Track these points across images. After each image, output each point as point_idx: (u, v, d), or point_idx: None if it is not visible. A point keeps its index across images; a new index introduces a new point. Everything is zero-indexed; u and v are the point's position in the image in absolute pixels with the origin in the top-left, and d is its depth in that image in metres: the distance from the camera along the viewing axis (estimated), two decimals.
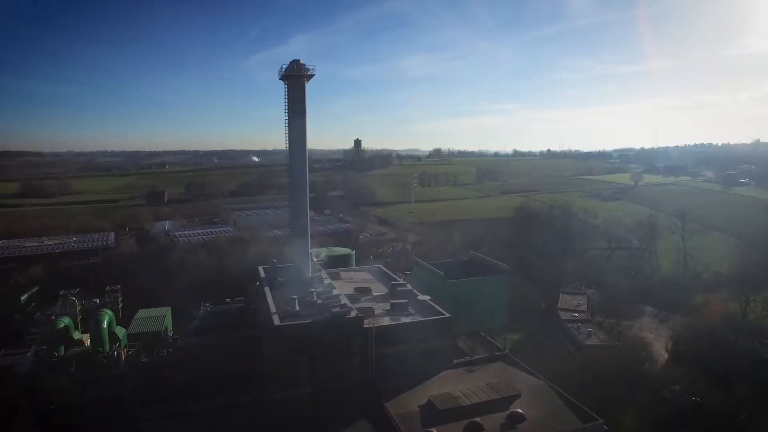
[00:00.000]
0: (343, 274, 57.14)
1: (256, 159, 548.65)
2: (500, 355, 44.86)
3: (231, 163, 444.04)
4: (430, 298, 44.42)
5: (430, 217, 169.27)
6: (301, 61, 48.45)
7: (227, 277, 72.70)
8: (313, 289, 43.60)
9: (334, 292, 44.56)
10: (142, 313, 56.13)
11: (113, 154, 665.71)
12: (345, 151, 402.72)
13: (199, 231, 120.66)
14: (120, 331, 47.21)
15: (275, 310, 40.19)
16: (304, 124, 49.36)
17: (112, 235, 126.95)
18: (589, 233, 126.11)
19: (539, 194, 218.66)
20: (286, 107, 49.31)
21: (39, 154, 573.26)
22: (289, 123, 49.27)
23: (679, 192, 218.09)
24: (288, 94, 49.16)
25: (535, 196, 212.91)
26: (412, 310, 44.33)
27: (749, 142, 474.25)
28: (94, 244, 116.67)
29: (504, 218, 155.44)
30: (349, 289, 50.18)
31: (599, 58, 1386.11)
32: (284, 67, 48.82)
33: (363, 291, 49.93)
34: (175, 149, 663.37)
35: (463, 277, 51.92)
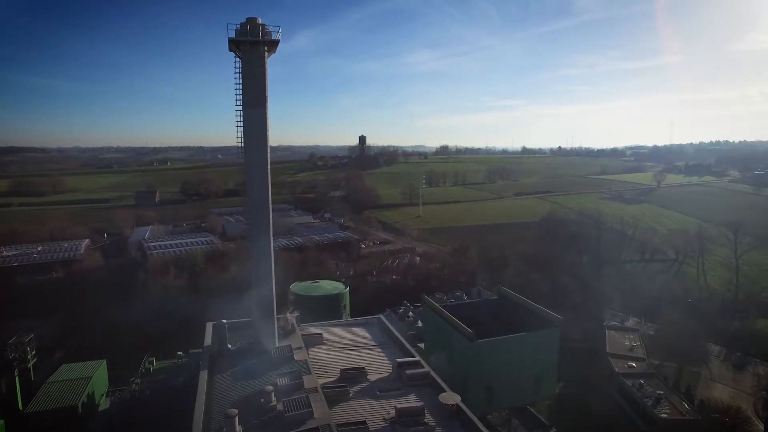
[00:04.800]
0: (326, 334, 39.61)
1: None
2: None
3: (234, 159, 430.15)
4: (460, 399, 28.67)
5: (440, 222, 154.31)
6: (260, 21, 32.12)
7: (194, 309, 58.06)
8: (271, 388, 26.98)
9: (306, 384, 29.25)
10: (61, 372, 41.81)
11: (118, 150, 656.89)
12: (350, 148, 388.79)
13: (178, 241, 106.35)
14: None
15: None
16: (265, 117, 32.34)
17: (84, 244, 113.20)
18: (624, 244, 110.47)
19: (556, 196, 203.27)
20: (238, 91, 32.05)
21: (43, 150, 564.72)
22: (243, 115, 32.11)
23: (707, 194, 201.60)
24: (242, 71, 31.98)
25: (552, 198, 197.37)
26: (431, 419, 27.33)
27: (767, 139, 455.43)
28: (61, 255, 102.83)
29: (522, 223, 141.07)
30: (333, 368, 33.82)
31: (606, 54, 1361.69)
32: (233, 28, 31.44)
33: (353, 376, 32.45)
34: (180, 145, 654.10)
35: (497, 333, 36.95)
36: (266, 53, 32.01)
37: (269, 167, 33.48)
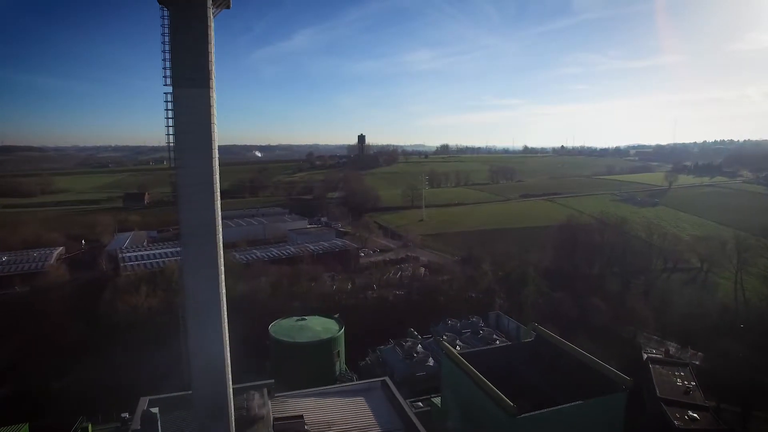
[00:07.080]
0: (311, 413, 28.59)
1: (258, 154, 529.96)
2: None
3: (231, 158, 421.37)
4: None
5: (444, 226, 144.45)
6: None
7: (159, 341, 48.56)
8: None
9: None
10: None
11: (116, 148, 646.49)
12: (349, 147, 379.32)
13: (159, 251, 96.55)
14: None
15: None
16: (210, 102, 21.36)
17: (56, 253, 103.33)
18: (650, 253, 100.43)
19: (565, 197, 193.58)
20: (166, 61, 20.81)
21: (40, 149, 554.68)
22: (174, 98, 20.90)
23: (722, 196, 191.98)
24: (170, 30, 20.61)
25: (560, 199, 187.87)
26: None
27: None
28: (27, 266, 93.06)
29: (534, 228, 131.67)
30: None
31: (606, 53, 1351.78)
32: None
33: None
34: None
35: (538, 394, 27.19)
36: (212, 6, 20.96)
37: (218, 177, 22.94)
